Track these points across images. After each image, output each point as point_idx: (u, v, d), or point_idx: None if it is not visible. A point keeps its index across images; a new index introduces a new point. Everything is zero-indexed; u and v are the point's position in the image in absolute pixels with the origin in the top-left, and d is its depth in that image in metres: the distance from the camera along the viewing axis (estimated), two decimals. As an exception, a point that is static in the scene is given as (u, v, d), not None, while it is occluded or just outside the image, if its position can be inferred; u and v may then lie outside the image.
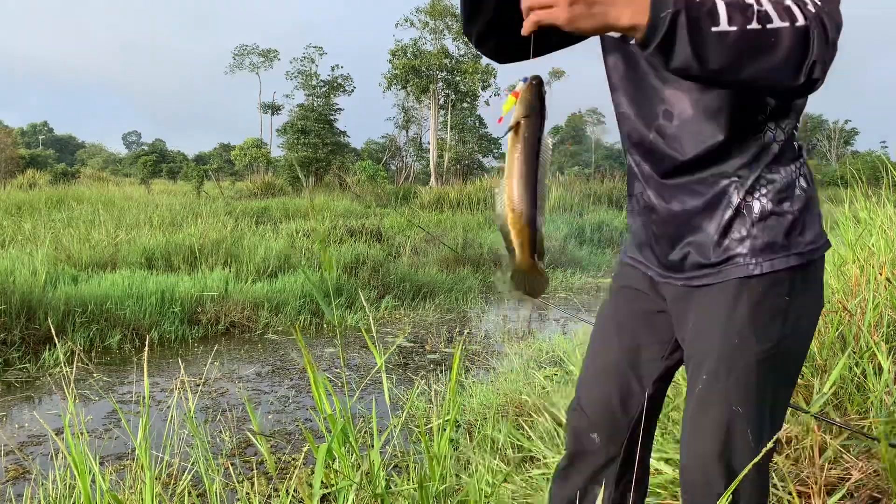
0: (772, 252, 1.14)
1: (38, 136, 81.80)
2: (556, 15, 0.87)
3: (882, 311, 3.10)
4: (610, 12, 0.88)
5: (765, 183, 1.17)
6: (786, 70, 0.93)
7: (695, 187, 1.21)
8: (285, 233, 14.23)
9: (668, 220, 1.24)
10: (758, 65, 0.91)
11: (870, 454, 2.48)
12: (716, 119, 1.15)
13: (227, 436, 4.45)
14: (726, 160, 1.18)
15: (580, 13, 0.87)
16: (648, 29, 0.89)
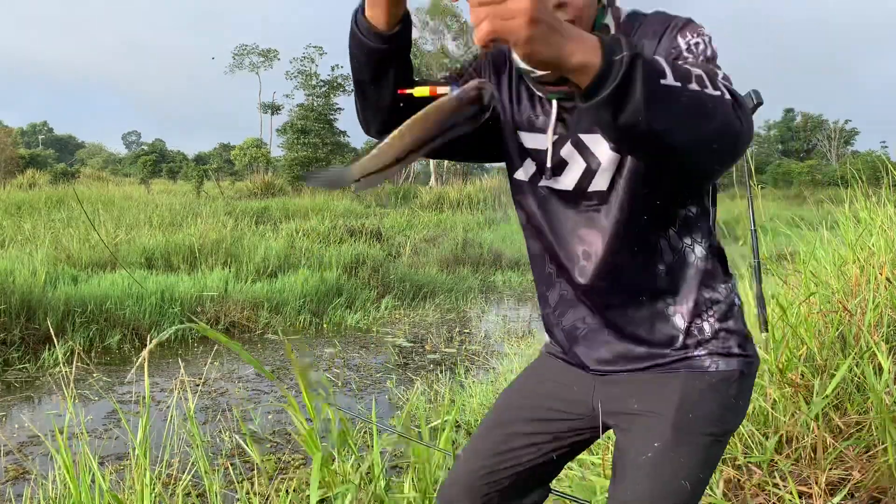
0: (727, 356, 1.20)
1: (37, 135, 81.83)
2: (515, 30, 0.74)
3: (882, 311, 3.10)
4: (565, 45, 0.77)
5: (709, 304, 1.21)
6: (727, 136, 0.89)
7: (633, 313, 1.22)
8: (285, 233, 14.23)
9: (607, 330, 1.24)
10: (703, 125, 0.86)
11: (871, 455, 2.48)
12: (638, 252, 1.17)
13: (226, 436, 4.44)
14: (661, 287, 1.19)
15: (540, 35, 0.74)
16: (601, 71, 0.79)
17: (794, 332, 3.02)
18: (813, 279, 3.59)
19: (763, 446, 2.60)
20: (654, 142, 0.86)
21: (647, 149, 0.90)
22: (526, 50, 0.75)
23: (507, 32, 0.74)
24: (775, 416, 2.73)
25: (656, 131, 0.83)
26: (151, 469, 2.40)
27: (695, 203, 1.20)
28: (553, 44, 0.76)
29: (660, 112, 0.82)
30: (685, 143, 0.87)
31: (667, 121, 0.83)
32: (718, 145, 0.89)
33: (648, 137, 0.85)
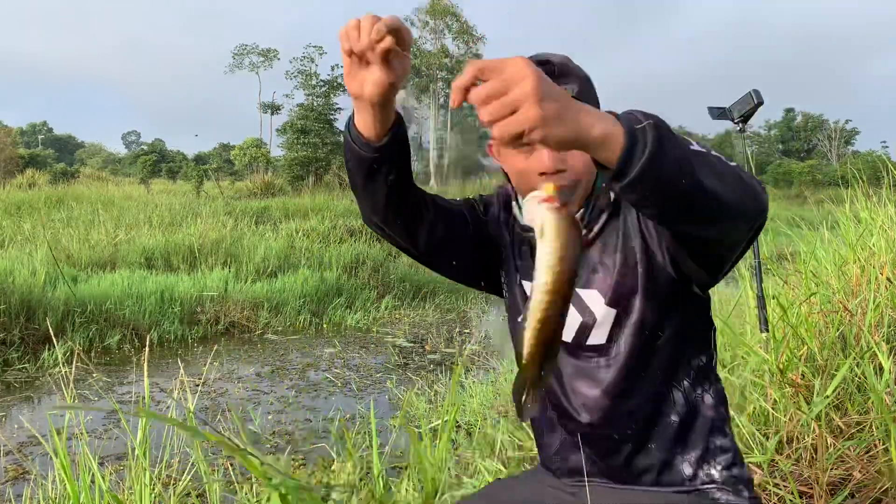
0: (736, 495, 1.18)
1: (37, 135, 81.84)
2: (526, 117, 0.70)
3: (883, 311, 3.09)
4: (581, 119, 0.74)
5: (718, 452, 1.18)
6: (752, 190, 0.88)
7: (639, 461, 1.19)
8: (285, 233, 14.23)
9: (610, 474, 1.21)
10: (735, 185, 0.86)
11: (871, 455, 2.48)
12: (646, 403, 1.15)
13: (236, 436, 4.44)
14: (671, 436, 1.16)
15: (552, 115, 0.70)
16: (628, 141, 0.76)
17: (795, 332, 3.02)
18: (813, 279, 3.59)
19: (763, 446, 2.60)
20: (695, 201, 0.83)
21: (680, 214, 0.86)
22: (543, 134, 0.71)
23: (519, 123, 0.71)
24: (776, 416, 2.73)
25: (697, 186, 0.81)
26: (151, 469, 2.40)
27: (703, 350, 1.17)
28: (569, 120, 0.73)
29: (696, 169, 0.81)
30: (727, 199, 0.85)
31: (702, 176, 0.82)
32: (752, 204, 0.88)
33: (689, 194, 0.82)
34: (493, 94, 0.71)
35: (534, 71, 0.70)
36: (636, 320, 1.11)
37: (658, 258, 1.10)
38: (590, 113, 0.75)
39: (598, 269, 1.15)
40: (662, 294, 1.11)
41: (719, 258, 1.02)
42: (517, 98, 0.70)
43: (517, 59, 0.72)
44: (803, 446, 2.56)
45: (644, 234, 1.11)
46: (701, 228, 0.90)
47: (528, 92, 0.70)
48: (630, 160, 0.77)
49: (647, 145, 0.76)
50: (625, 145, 0.76)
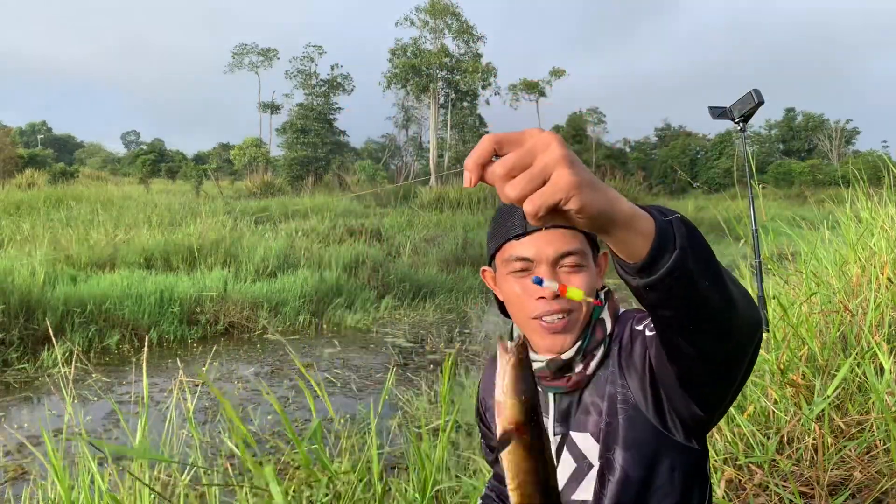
0: None
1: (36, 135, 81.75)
2: (561, 184, 0.63)
3: (883, 311, 3.09)
4: (610, 192, 0.68)
5: None
6: (753, 306, 0.83)
7: None
8: (285, 233, 14.22)
9: None
10: (740, 292, 0.81)
11: (872, 455, 2.47)
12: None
13: (226, 436, 4.43)
14: None
15: (587, 181, 0.64)
16: (660, 231, 0.70)
17: (796, 333, 3.01)
18: (814, 279, 3.58)
19: (764, 446, 2.59)
20: (707, 301, 0.77)
21: (699, 313, 0.78)
22: (581, 202, 0.63)
23: (554, 193, 0.62)
24: (776, 416, 2.73)
25: (714, 283, 0.76)
26: (150, 469, 2.39)
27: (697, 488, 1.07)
28: (600, 189, 0.66)
29: (716, 271, 0.76)
30: (735, 300, 0.79)
31: (721, 276, 0.77)
32: (750, 309, 0.82)
33: (704, 290, 0.75)
34: (518, 166, 0.63)
35: (557, 137, 0.64)
36: (619, 477, 1.02)
37: (641, 405, 1.01)
38: (614, 190, 0.69)
39: (591, 411, 1.06)
40: (646, 447, 1.02)
41: (720, 384, 0.91)
42: (547, 166, 0.62)
43: (536, 130, 0.65)
44: (804, 446, 2.56)
45: (626, 377, 1.04)
46: (712, 339, 0.82)
47: (558, 158, 0.62)
48: (661, 251, 0.70)
49: (678, 238, 0.70)
50: (657, 235, 0.70)
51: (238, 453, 2.22)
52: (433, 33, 43.60)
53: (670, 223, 0.72)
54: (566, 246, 1.04)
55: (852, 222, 3.93)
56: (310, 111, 40.83)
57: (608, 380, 1.06)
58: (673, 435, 1.01)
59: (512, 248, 1.07)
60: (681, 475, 1.04)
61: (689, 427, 1.01)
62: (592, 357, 1.07)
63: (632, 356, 1.03)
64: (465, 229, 18.02)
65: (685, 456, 1.04)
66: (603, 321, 1.10)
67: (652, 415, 1.01)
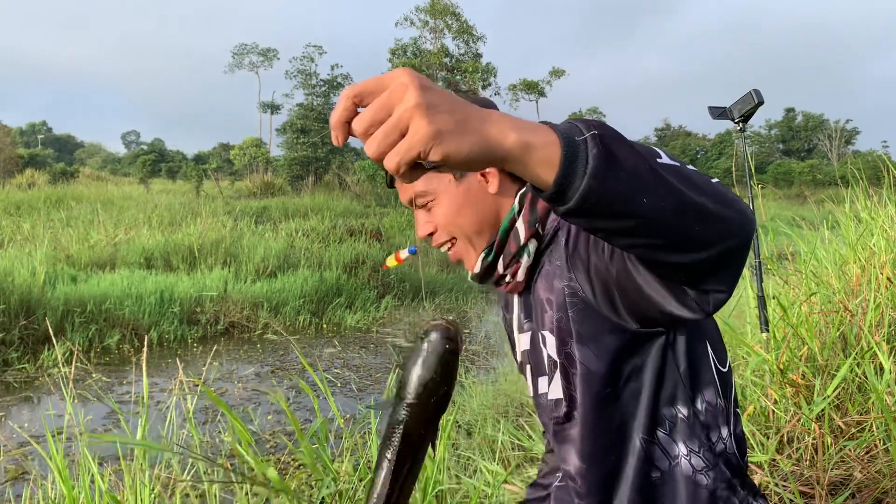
0: None
1: (36, 135, 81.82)
2: (417, 137, 0.56)
3: (883, 310, 3.09)
4: (489, 128, 0.59)
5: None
6: (740, 209, 0.72)
7: None
8: (285, 233, 14.23)
9: None
10: (718, 198, 0.70)
11: (872, 455, 2.47)
12: (624, 465, 0.99)
13: (226, 436, 4.43)
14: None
15: (450, 125, 0.57)
16: (566, 155, 0.61)
17: (795, 332, 3.01)
18: (814, 279, 3.59)
19: (764, 446, 2.59)
20: (660, 217, 0.67)
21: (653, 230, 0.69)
22: (443, 152, 0.57)
23: (411, 147, 0.57)
24: (776, 415, 2.73)
25: (657, 203, 0.66)
26: (150, 469, 2.39)
27: (682, 403, 0.97)
28: (471, 131, 0.59)
29: (658, 184, 0.66)
30: (710, 211, 0.69)
31: (668, 188, 0.66)
32: (725, 216, 0.70)
33: (649, 212, 0.66)
34: (375, 121, 0.58)
35: (415, 79, 0.57)
36: (581, 371, 0.96)
37: (590, 298, 0.92)
38: (500, 120, 0.61)
39: (547, 308, 1.00)
40: (603, 339, 0.94)
41: (712, 275, 0.77)
42: (403, 117, 0.57)
43: (397, 72, 0.58)
44: (804, 446, 2.56)
45: (572, 269, 0.94)
46: (674, 253, 0.71)
47: (413, 107, 0.56)
48: (569, 177, 0.61)
49: (590, 160, 0.61)
50: (561, 160, 0.61)
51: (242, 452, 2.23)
52: (433, 33, 43.65)
53: (581, 143, 0.62)
54: (409, 191, 1.05)
55: (852, 222, 3.93)
56: (310, 111, 40.84)
57: (556, 274, 0.98)
58: (626, 323, 0.90)
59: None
60: (654, 364, 0.95)
61: (653, 317, 0.87)
62: (518, 265, 1.03)
63: (577, 247, 0.94)
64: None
65: (651, 344, 0.94)
66: (516, 230, 1.01)
67: (604, 307, 0.91)
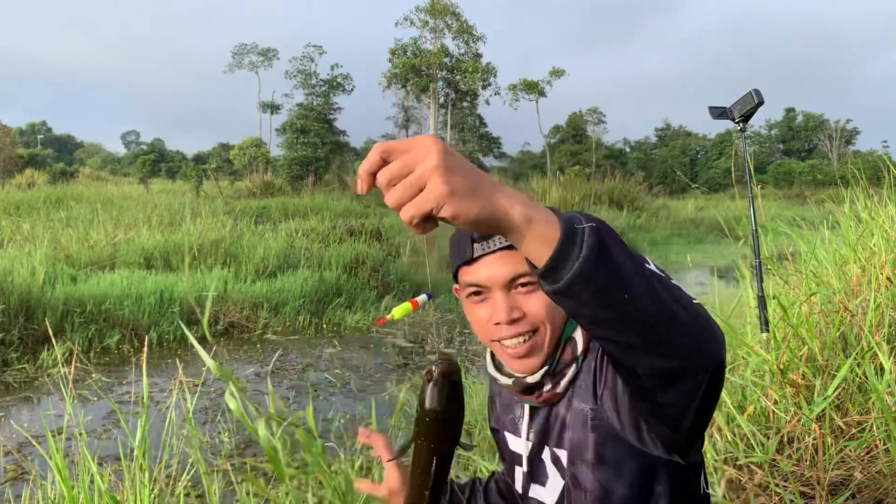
0: None
1: (36, 135, 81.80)
2: (432, 194, 0.64)
3: (883, 311, 3.09)
4: (498, 197, 0.67)
5: None
6: (710, 332, 0.78)
7: None
8: (285, 233, 14.22)
9: None
10: (690, 312, 0.75)
11: (872, 455, 2.47)
12: None
13: (226, 436, 4.43)
14: None
15: (462, 187, 0.64)
16: (564, 236, 0.68)
17: (796, 333, 3.01)
18: (814, 279, 3.58)
19: (764, 446, 2.59)
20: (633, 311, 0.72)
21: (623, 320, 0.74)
22: (453, 210, 0.64)
23: (426, 202, 0.64)
24: (776, 416, 2.73)
25: (644, 297, 0.71)
26: (151, 469, 2.39)
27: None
28: (482, 196, 0.66)
29: (639, 282, 0.71)
30: (670, 313, 0.74)
31: (646, 288, 0.72)
32: (702, 332, 0.77)
33: (628, 309, 0.71)
34: (397, 175, 0.66)
35: (439, 145, 0.65)
36: (598, 493, 0.99)
37: (615, 422, 0.96)
38: (510, 193, 0.68)
39: (566, 426, 1.03)
40: (621, 464, 0.97)
41: (674, 401, 0.84)
42: (422, 175, 0.64)
43: (424, 137, 0.66)
44: (804, 446, 2.56)
45: (597, 393, 0.99)
46: (642, 354, 0.77)
47: (433, 168, 0.64)
48: (563, 258, 0.68)
49: (584, 247, 0.67)
50: (559, 240, 0.68)
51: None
52: (433, 33, 43.63)
53: (580, 231, 0.69)
54: (518, 267, 0.99)
55: (852, 222, 3.92)
56: (310, 111, 40.82)
57: (580, 396, 1.01)
58: (651, 450, 0.95)
59: (465, 273, 1.05)
60: (667, 491, 0.98)
61: (667, 442, 0.94)
62: (563, 376, 1.03)
63: (605, 374, 0.99)
64: (465, 229, 18.00)
65: (671, 471, 0.97)
66: (574, 340, 1.04)
67: (629, 431, 0.95)
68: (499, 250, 1.01)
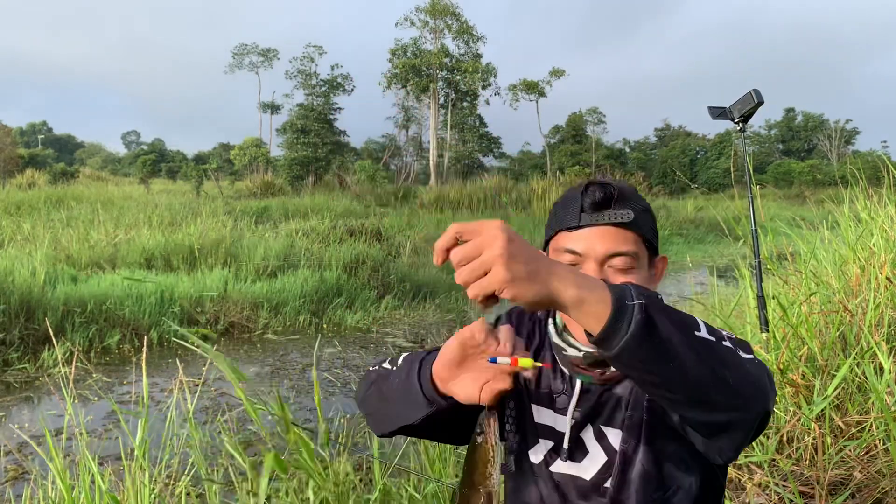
0: None
1: (37, 135, 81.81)
2: (495, 279, 0.73)
3: (883, 310, 3.09)
4: (553, 280, 0.75)
5: None
6: (759, 391, 0.86)
7: None
8: (285, 233, 14.22)
9: None
10: (739, 375, 0.83)
11: (872, 455, 2.47)
12: None
13: (226, 436, 4.43)
14: None
15: (521, 275, 0.74)
16: (613, 316, 0.75)
17: (795, 332, 3.01)
18: (813, 279, 3.59)
19: (764, 446, 2.59)
20: (685, 386, 0.81)
21: (670, 390, 0.83)
22: (510, 295, 0.74)
23: (489, 286, 0.74)
24: (776, 415, 2.73)
25: (693, 371, 0.79)
26: (151, 469, 2.40)
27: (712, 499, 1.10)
28: (538, 281, 0.75)
29: (693, 353, 0.79)
30: (730, 386, 0.82)
31: (702, 362, 0.79)
32: (757, 397, 0.85)
33: (678, 379, 0.80)
34: (467, 258, 0.76)
35: (505, 233, 0.74)
36: (639, 470, 1.04)
37: (668, 415, 1.02)
38: (565, 276, 0.76)
39: (621, 406, 1.07)
40: (668, 448, 1.03)
41: (722, 448, 0.95)
42: (487, 260, 0.74)
43: (492, 223, 0.76)
44: (804, 446, 2.56)
45: None
46: (688, 409, 0.86)
47: (497, 254, 0.73)
48: (612, 334, 0.76)
49: (632, 324, 0.75)
50: (609, 319, 0.76)
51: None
52: (433, 33, 43.63)
53: (629, 308, 0.76)
54: (618, 246, 1.03)
55: (851, 222, 3.93)
56: (310, 111, 40.83)
57: None
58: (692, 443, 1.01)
59: (564, 238, 1.06)
60: (698, 481, 1.05)
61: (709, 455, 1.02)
62: None
63: None
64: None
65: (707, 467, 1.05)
66: None
67: (678, 426, 1.00)
68: (605, 225, 1.04)
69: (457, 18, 43.09)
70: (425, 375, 0.98)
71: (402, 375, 1.03)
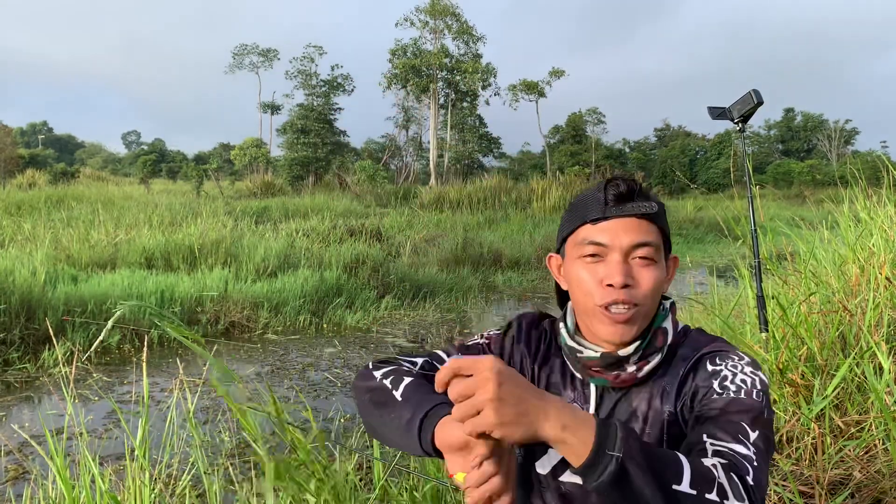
0: None
1: (37, 135, 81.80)
2: (485, 421, 0.79)
3: (882, 310, 3.09)
4: (537, 422, 0.80)
5: None
6: None
7: None
8: (285, 233, 14.23)
9: None
10: None
11: (871, 455, 2.47)
12: None
13: (226, 436, 4.44)
14: None
15: (509, 419, 0.78)
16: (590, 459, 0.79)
17: (795, 332, 3.02)
18: (813, 279, 3.59)
19: (763, 446, 2.59)
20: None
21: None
22: (499, 435, 0.79)
23: (479, 426, 0.79)
24: (776, 415, 2.73)
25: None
26: (151, 469, 2.40)
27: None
28: (524, 424, 0.79)
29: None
30: None
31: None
32: None
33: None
34: (462, 395, 0.81)
35: (496, 376, 0.79)
36: None
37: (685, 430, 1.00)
38: (553, 416, 0.80)
39: (637, 417, 1.06)
40: None
41: None
42: (478, 403, 0.79)
43: (485, 363, 0.80)
44: (803, 446, 2.57)
45: (678, 405, 1.02)
46: None
47: (488, 398, 0.78)
48: (587, 475, 0.80)
49: (605, 474, 0.78)
50: (585, 462, 0.79)
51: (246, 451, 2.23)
52: (433, 34, 43.62)
53: (605, 458, 0.79)
54: (642, 236, 1.02)
55: (851, 222, 3.93)
56: (310, 111, 40.84)
57: (660, 395, 1.04)
58: None
59: (587, 231, 1.05)
60: None
61: None
62: (647, 362, 1.05)
63: (696, 388, 1.00)
64: (465, 229, 18.02)
65: None
66: (665, 330, 1.07)
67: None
68: (630, 216, 1.03)
69: (457, 19, 43.09)
70: (426, 438, 0.96)
71: (401, 421, 1.00)
